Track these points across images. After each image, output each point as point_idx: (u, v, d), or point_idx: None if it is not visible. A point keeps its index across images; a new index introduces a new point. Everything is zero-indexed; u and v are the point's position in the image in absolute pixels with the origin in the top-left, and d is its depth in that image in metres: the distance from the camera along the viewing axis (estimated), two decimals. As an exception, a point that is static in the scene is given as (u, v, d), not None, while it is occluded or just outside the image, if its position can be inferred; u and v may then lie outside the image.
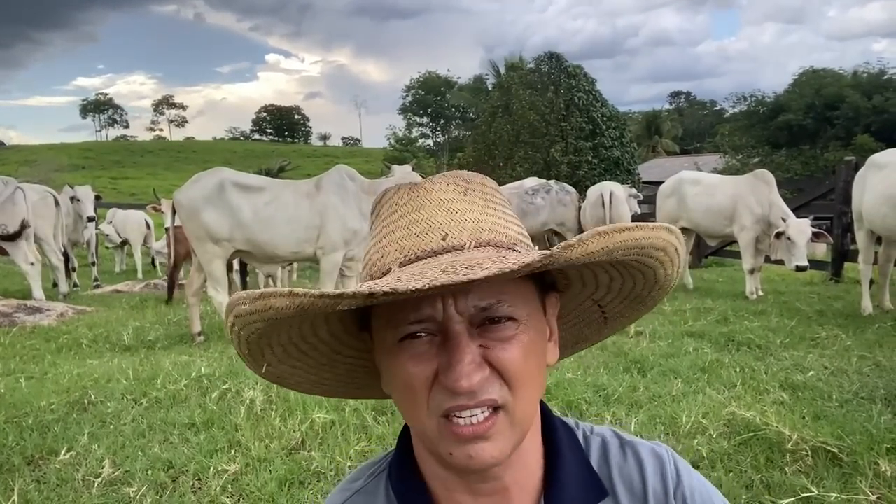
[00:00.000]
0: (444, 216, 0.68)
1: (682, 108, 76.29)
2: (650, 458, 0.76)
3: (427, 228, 0.68)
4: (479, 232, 0.68)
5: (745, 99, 28.26)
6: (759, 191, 6.89)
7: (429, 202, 0.70)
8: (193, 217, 5.10)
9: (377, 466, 0.82)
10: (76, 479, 2.59)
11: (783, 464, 2.55)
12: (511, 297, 0.66)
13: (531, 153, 22.49)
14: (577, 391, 3.50)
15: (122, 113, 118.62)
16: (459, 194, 0.71)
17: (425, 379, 0.64)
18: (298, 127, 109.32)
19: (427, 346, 0.65)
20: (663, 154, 42.37)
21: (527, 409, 0.67)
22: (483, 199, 0.72)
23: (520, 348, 0.65)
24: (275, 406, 3.36)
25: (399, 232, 0.69)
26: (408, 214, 0.70)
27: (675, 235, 0.69)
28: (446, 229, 0.67)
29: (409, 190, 0.72)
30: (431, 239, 0.67)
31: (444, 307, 0.64)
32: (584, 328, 0.86)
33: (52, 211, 8.47)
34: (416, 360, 0.65)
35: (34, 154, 49.14)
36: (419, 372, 0.64)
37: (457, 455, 0.64)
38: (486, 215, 0.70)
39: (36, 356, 4.84)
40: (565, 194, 9.26)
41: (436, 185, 0.71)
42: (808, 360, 4.07)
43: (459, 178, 0.73)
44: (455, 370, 0.62)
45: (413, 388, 0.65)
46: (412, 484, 0.75)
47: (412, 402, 0.66)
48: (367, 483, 0.80)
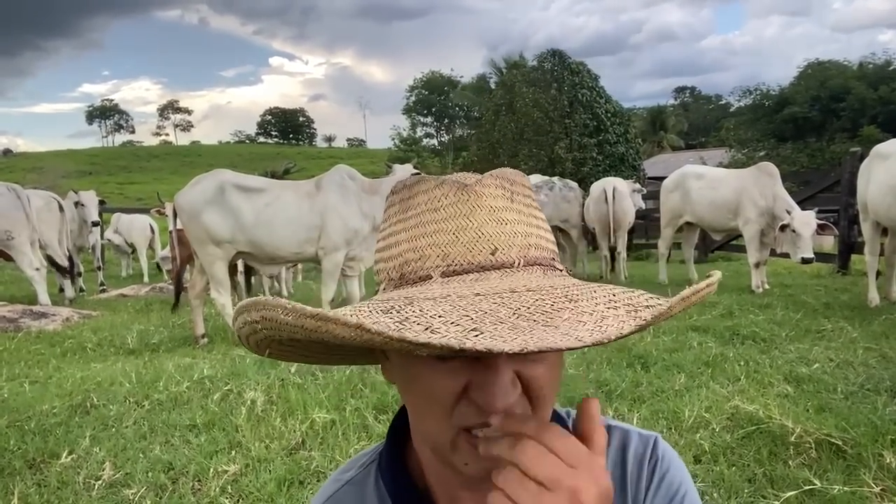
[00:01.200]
0: (494, 227, 0.65)
1: (687, 103, 76.01)
2: (635, 444, 0.76)
3: (476, 239, 0.64)
4: (527, 248, 0.65)
5: (750, 92, 28.10)
6: (763, 183, 6.85)
7: (479, 208, 0.65)
8: (194, 219, 5.10)
9: (368, 458, 0.81)
10: (77, 482, 2.59)
11: (786, 457, 2.52)
12: None
13: (535, 151, 22.45)
14: (579, 387, 3.49)
15: (128, 118, 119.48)
16: (508, 201, 0.67)
17: (453, 393, 0.61)
18: (303, 129, 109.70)
19: (459, 360, 0.61)
20: (668, 149, 42.19)
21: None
22: (527, 205, 0.69)
23: (547, 367, 0.63)
24: (276, 406, 3.36)
25: (442, 236, 0.65)
26: (454, 219, 0.65)
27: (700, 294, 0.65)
28: (496, 243, 0.64)
29: (457, 190, 0.67)
30: (480, 252, 0.63)
31: None
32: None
33: (57, 216, 8.51)
34: (447, 373, 0.61)
35: (41, 161, 49.56)
36: (448, 385, 0.61)
37: (473, 467, 0.62)
38: (532, 227, 0.68)
39: (40, 361, 4.86)
40: (569, 191, 9.24)
41: (486, 190, 0.67)
42: (813, 353, 4.04)
43: (506, 180, 0.69)
44: (492, 390, 0.59)
45: (437, 401, 0.62)
46: (402, 474, 0.74)
47: (430, 412, 0.64)
48: (358, 474, 0.79)
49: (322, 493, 0.80)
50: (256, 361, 4.37)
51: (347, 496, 0.78)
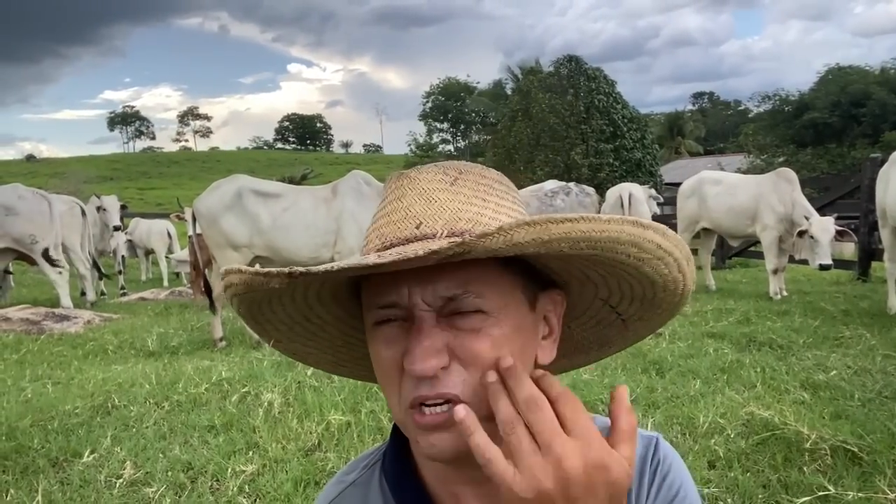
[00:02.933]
0: (422, 205, 0.67)
1: (705, 108, 75.48)
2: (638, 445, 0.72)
3: (404, 217, 0.67)
4: (456, 221, 0.65)
5: (769, 98, 27.88)
6: (782, 189, 6.80)
7: (410, 191, 0.69)
8: (213, 225, 5.18)
9: (371, 458, 0.81)
10: (98, 481, 2.65)
11: (801, 463, 2.52)
12: (478, 288, 0.63)
13: (551, 156, 22.42)
14: (593, 392, 3.49)
15: (149, 125, 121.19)
16: (446, 185, 0.69)
17: (394, 362, 0.64)
18: (320, 135, 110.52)
19: (397, 330, 0.65)
20: (686, 155, 41.91)
21: None
22: (473, 189, 0.69)
23: (488, 341, 0.63)
24: (292, 408, 3.40)
25: (382, 220, 0.70)
26: (391, 202, 0.70)
27: (650, 229, 0.62)
28: (421, 218, 0.66)
29: (397, 178, 0.72)
30: (406, 227, 0.66)
31: (410, 294, 0.64)
32: (604, 330, 0.81)
33: (79, 221, 8.67)
34: (387, 343, 0.65)
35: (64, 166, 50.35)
36: (389, 355, 0.65)
37: (422, 443, 0.64)
38: (471, 206, 0.67)
39: (63, 362, 4.95)
40: (585, 196, 9.23)
41: (422, 175, 0.70)
42: (830, 360, 4.00)
43: (452, 168, 0.71)
44: (412, 353, 0.61)
45: (385, 372, 0.66)
46: (405, 474, 0.74)
47: (388, 388, 0.67)
48: (362, 475, 0.79)
49: (326, 495, 0.80)
50: (273, 364, 4.42)
51: (351, 498, 0.78)
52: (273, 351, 4.85)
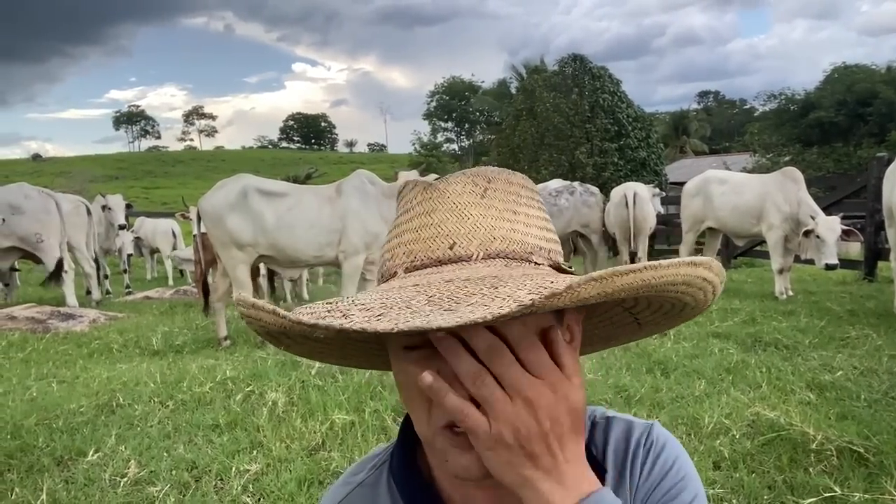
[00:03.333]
0: (454, 223, 0.65)
1: (711, 107, 75.18)
2: (636, 431, 0.76)
3: (435, 234, 0.65)
4: (490, 241, 0.64)
5: (775, 97, 27.74)
6: (788, 189, 6.77)
7: (441, 205, 0.66)
8: (218, 223, 5.19)
9: (378, 458, 0.80)
10: (103, 479, 2.65)
11: (807, 464, 2.50)
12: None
13: (556, 156, 22.37)
14: (597, 392, 3.48)
15: (154, 124, 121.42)
16: (476, 197, 0.67)
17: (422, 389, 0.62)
18: (325, 134, 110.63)
19: (433, 351, 0.60)
20: (691, 154, 41.79)
21: None
22: (503, 201, 0.67)
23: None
24: (296, 408, 3.41)
25: (408, 235, 0.67)
26: (419, 217, 0.67)
27: (701, 266, 0.62)
28: (455, 237, 0.64)
29: (423, 189, 0.69)
30: (438, 247, 0.65)
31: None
32: (616, 329, 0.81)
33: (85, 220, 8.70)
34: (420, 365, 0.61)
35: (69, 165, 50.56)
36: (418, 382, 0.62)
37: (452, 463, 0.62)
38: (503, 221, 0.66)
39: (68, 361, 4.97)
40: (590, 196, 9.20)
41: (451, 187, 0.68)
42: (836, 360, 3.99)
43: (481, 176, 0.69)
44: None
45: (416, 393, 0.62)
46: (414, 475, 0.73)
47: (413, 406, 0.65)
48: (369, 476, 0.78)
49: (333, 496, 0.79)
50: (278, 363, 4.43)
51: (359, 499, 0.76)
52: (277, 351, 4.84)
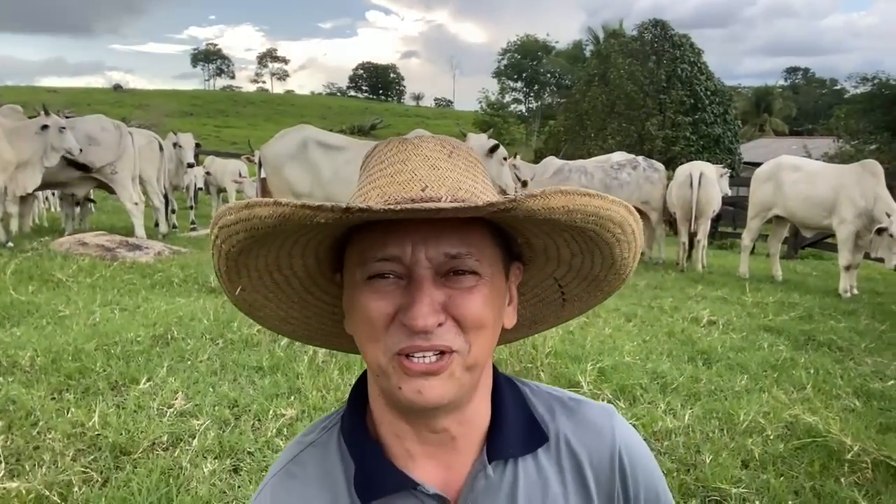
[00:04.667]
0: (427, 171, 0.72)
1: (798, 85, 71.06)
2: (589, 415, 0.82)
3: (410, 178, 0.71)
4: (457, 190, 0.71)
5: (868, 79, 25.90)
6: (865, 183, 6.41)
7: (414, 156, 0.73)
8: (277, 172, 5.32)
9: (329, 421, 0.84)
10: (151, 408, 2.83)
11: (839, 473, 2.44)
12: (478, 252, 0.70)
13: (625, 125, 21.77)
14: (633, 376, 3.45)
15: (230, 64, 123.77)
16: (444, 155, 0.74)
17: (385, 315, 0.69)
18: (393, 86, 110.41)
19: (393, 286, 0.69)
20: (771, 134, 39.84)
21: (479, 356, 0.71)
22: (466, 164, 0.75)
23: (479, 300, 0.70)
24: (335, 359, 3.52)
25: (383, 179, 0.73)
26: (393, 164, 0.73)
27: (633, 216, 0.73)
28: (427, 182, 0.71)
29: (398, 143, 0.75)
30: (412, 188, 0.70)
31: (413, 250, 0.68)
32: (543, 308, 0.90)
33: (157, 155, 9.06)
34: (380, 296, 0.69)
35: (148, 98, 52.39)
36: (381, 307, 0.69)
37: (405, 390, 0.68)
38: (466, 178, 0.73)
39: (131, 290, 5.25)
40: (653, 171, 8.93)
41: (424, 143, 0.75)
42: (891, 368, 3.83)
43: (446, 142, 0.76)
44: (413, 310, 0.66)
45: (372, 323, 0.69)
46: (362, 434, 0.79)
47: (370, 337, 0.70)
48: (321, 436, 0.83)
49: (285, 455, 0.83)
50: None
51: (311, 457, 0.81)
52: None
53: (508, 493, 0.76)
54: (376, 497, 0.75)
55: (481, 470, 0.76)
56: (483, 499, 0.76)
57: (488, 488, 0.76)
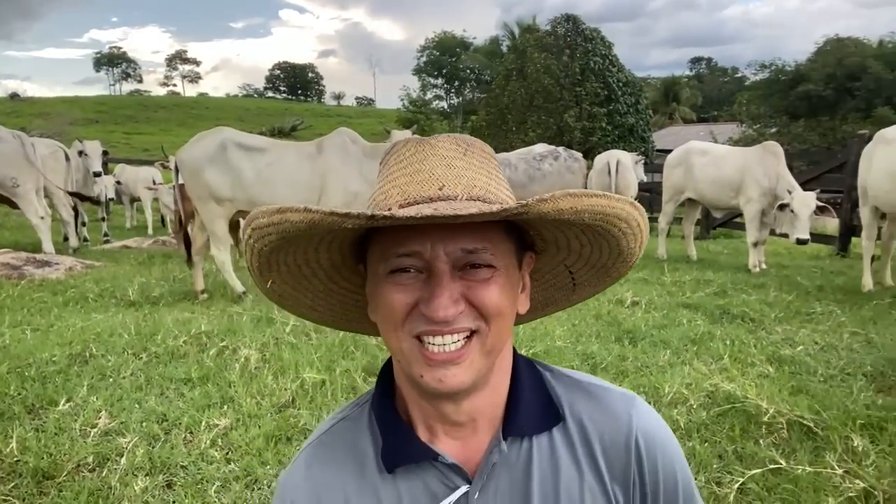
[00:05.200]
0: (444, 170, 0.77)
1: (703, 74, 74.63)
2: (607, 399, 0.86)
3: (427, 178, 0.77)
4: (472, 188, 0.77)
5: (766, 67, 27.55)
6: (767, 163, 6.82)
7: (432, 156, 0.79)
8: (196, 176, 5.14)
9: (362, 399, 0.93)
10: (73, 429, 2.69)
11: (758, 436, 2.60)
12: (493, 247, 0.76)
13: (544, 118, 22.22)
14: (566, 359, 3.56)
15: (136, 67, 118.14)
16: (460, 153, 0.79)
17: (406, 305, 0.75)
18: (312, 85, 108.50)
19: (413, 279, 0.75)
20: (680, 122, 41.70)
21: (497, 340, 0.77)
22: (480, 161, 0.81)
23: (496, 290, 0.76)
24: (269, 364, 3.45)
25: (402, 178, 0.78)
26: (412, 164, 0.78)
27: (638, 211, 0.79)
28: (444, 181, 0.76)
29: (416, 143, 0.80)
30: (430, 187, 0.76)
31: (433, 247, 0.74)
32: (554, 292, 0.97)
33: (63, 165, 8.55)
34: (401, 288, 0.75)
35: (48, 107, 49.17)
36: (402, 298, 0.75)
37: (427, 378, 0.75)
38: (481, 175, 0.79)
39: (43, 309, 4.95)
40: (573, 161, 9.18)
41: (440, 143, 0.80)
42: (799, 335, 4.10)
43: (462, 140, 0.81)
44: (434, 302, 0.72)
45: (395, 313, 0.75)
46: (390, 411, 0.86)
47: (391, 324, 0.76)
48: (353, 412, 0.91)
49: (320, 428, 0.91)
50: (253, 319, 4.46)
51: (343, 429, 0.89)
52: (253, 306, 4.89)
53: (523, 468, 0.82)
54: (400, 465, 0.82)
55: (497, 445, 0.82)
56: (499, 472, 0.82)
57: (503, 462, 0.82)
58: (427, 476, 0.81)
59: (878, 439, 2.54)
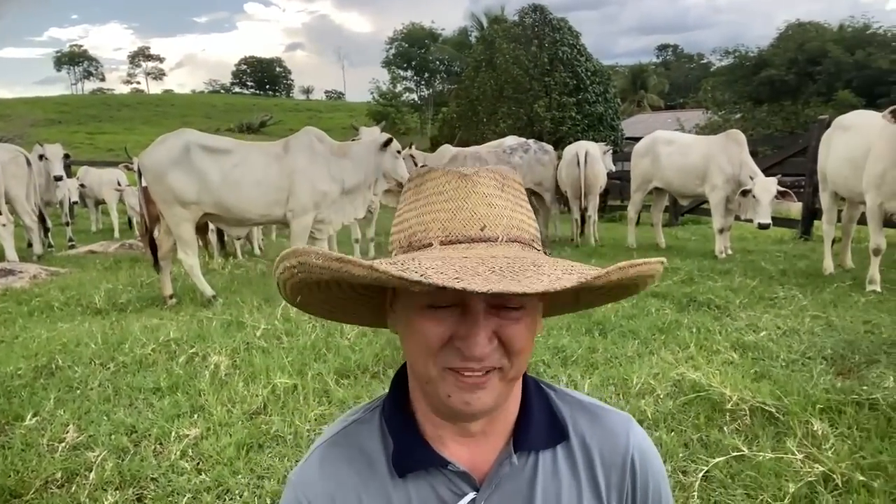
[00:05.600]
0: (485, 209, 0.81)
1: (669, 61, 75.36)
2: (608, 420, 0.94)
3: (470, 217, 0.80)
4: (511, 228, 0.81)
5: (729, 53, 28.00)
6: (731, 151, 6.96)
7: (474, 194, 0.82)
8: (160, 180, 5.06)
9: (373, 403, 0.96)
10: (41, 444, 2.65)
11: (722, 423, 2.67)
12: None
13: (514, 109, 22.27)
14: (536, 353, 3.59)
15: (98, 65, 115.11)
16: (498, 190, 0.83)
17: (440, 339, 0.77)
18: (280, 80, 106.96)
19: (449, 314, 0.77)
20: (648, 109, 42.12)
21: (518, 372, 0.82)
22: (514, 195, 0.85)
23: (524, 329, 0.79)
24: (239, 370, 3.43)
25: (444, 214, 0.81)
26: (454, 200, 0.82)
27: (661, 265, 0.85)
28: (485, 221, 0.81)
29: (458, 177, 0.83)
30: (472, 227, 0.80)
31: (471, 295, 0.74)
32: (557, 308, 1.01)
33: (24, 171, 8.32)
34: (437, 322, 0.77)
35: (8, 108, 47.80)
36: (438, 332, 0.77)
37: (455, 399, 0.78)
38: (517, 212, 0.84)
39: (7, 320, 4.85)
40: (543, 154, 9.23)
41: (481, 179, 0.83)
42: (763, 321, 4.19)
43: (499, 174, 0.85)
44: (471, 341, 0.75)
45: (428, 343, 0.78)
46: (402, 417, 0.89)
47: (423, 353, 0.79)
48: (364, 415, 0.94)
49: (332, 428, 0.94)
50: (223, 324, 4.42)
51: (355, 431, 0.92)
52: (223, 311, 4.84)
53: (528, 481, 0.87)
54: (410, 471, 0.85)
55: (507, 458, 0.87)
56: (506, 482, 0.87)
57: (511, 474, 0.87)
58: (436, 482, 0.86)
59: (837, 422, 2.62)
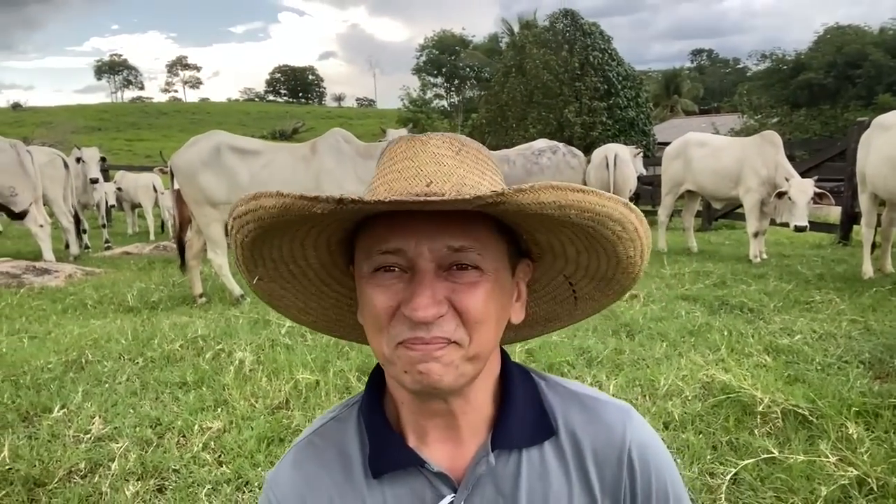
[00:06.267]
0: (433, 167, 0.74)
1: (704, 66, 74.36)
2: (602, 412, 0.84)
3: (415, 174, 0.74)
4: (462, 186, 0.73)
5: (766, 57, 27.46)
6: (766, 153, 6.78)
7: (422, 153, 0.76)
8: (190, 181, 5.14)
9: (351, 400, 0.92)
10: (67, 436, 2.69)
11: (752, 426, 2.58)
12: (480, 247, 0.72)
13: (544, 114, 22.16)
14: (561, 353, 3.54)
15: (137, 74, 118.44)
16: (452, 152, 0.76)
17: (388, 308, 0.71)
18: (312, 88, 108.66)
19: (396, 280, 0.72)
20: (681, 114, 41.57)
21: (480, 349, 0.73)
22: (473, 161, 0.77)
23: (482, 294, 0.72)
24: (263, 366, 3.44)
25: (391, 175, 0.75)
26: (402, 161, 0.76)
27: (634, 213, 0.73)
28: (432, 177, 0.73)
29: (407, 140, 0.78)
30: (417, 184, 0.72)
31: (416, 243, 0.70)
32: (556, 306, 0.91)
33: (62, 173, 8.58)
34: (384, 289, 0.72)
35: (51, 116, 49.40)
36: (384, 300, 0.72)
37: (410, 373, 0.71)
38: (472, 173, 0.75)
39: (41, 316, 4.97)
40: (573, 157, 9.14)
41: (432, 140, 0.77)
42: (798, 324, 4.06)
43: (456, 139, 0.78)
44: (414, 301, 0.69)
45: (377, 315, 0.72)
46: (378, 414, 0.84)
47: (375, 329, 0.74)
48: (342, 412, 0.90)
49: (311, 428, 0.91)
50: (250, 322, 4.46)
51: (331, 430, 0.88)
52: (251, 308, 4.89)
53: (512, 480, 0.80)
54: (386, 472, 0.81)
55: (484, 456, 0.80)
56: (485, 483, 0.80)
57: (490, 474, 0.80)
58: (414, 482, 0.81)
59: (874, 426, 2.51)
